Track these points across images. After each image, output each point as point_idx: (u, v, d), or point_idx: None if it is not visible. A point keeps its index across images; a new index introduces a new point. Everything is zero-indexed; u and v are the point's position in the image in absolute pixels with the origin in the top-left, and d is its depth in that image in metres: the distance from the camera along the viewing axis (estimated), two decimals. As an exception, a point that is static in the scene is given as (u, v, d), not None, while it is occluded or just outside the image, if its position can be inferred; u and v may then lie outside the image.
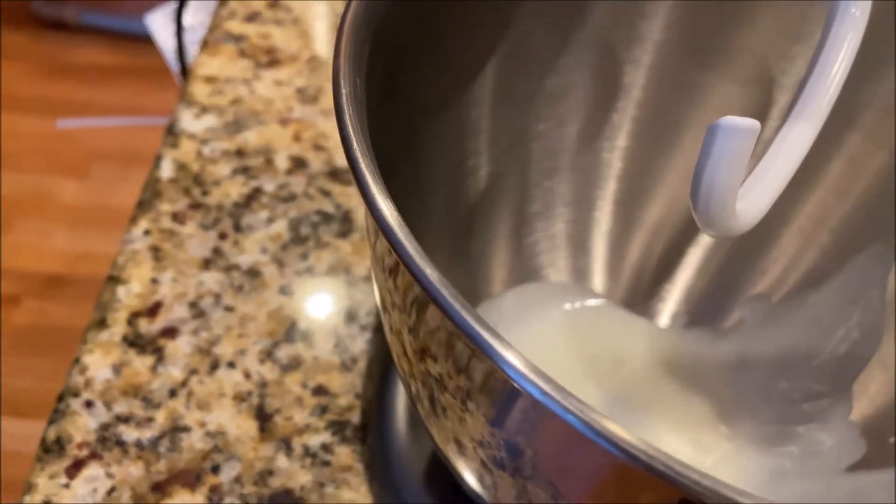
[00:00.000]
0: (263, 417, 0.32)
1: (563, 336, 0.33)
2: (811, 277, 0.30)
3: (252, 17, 0.49)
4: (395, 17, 0.21)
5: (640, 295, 0.32)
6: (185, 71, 0.60)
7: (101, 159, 1.33)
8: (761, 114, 0.29)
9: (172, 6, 0.58)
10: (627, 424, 0.31)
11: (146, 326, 0.34)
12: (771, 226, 0.31)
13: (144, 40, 1.32)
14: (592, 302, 0.33)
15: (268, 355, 0.34)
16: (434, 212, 0.28)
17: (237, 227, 0.38)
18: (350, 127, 0.16)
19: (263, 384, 0.33)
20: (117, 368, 0.33)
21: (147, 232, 0.37)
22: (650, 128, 0.30)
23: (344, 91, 0.16)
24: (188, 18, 0.62)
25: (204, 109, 0.43)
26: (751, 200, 0.18)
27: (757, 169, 0.19)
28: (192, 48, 0.59)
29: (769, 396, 0.30)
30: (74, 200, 1.26)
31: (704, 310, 0.32)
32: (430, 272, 0.15)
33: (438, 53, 0.24)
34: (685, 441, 0.31)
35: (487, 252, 0.31)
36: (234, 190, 0.40)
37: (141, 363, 0.33)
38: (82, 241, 1.22)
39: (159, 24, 0.62)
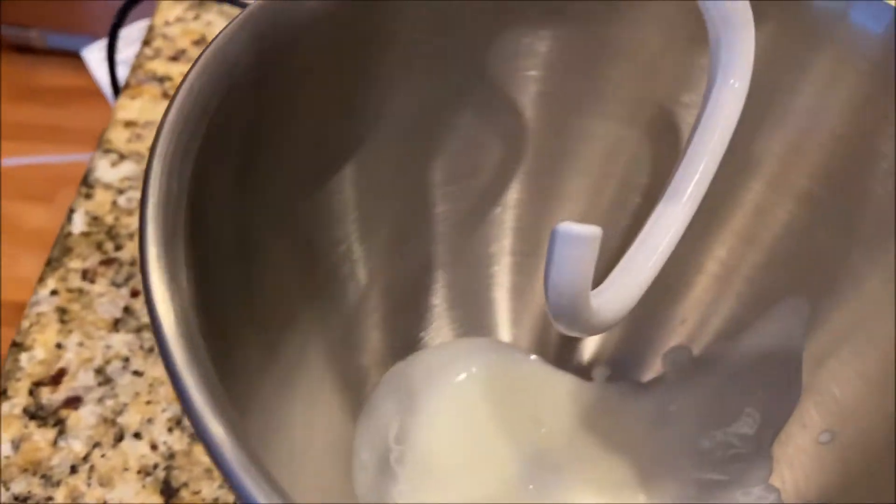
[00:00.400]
0: (170, 492, 0.31)
1: (481, 394, 0.31)
2: (730, 328, 0.29)
3: (176, 56, 0.47)
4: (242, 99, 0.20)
5: (553, 347, 0.31)
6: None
7: (67, 185, 1.31)
8: (666, 162, 0.28)
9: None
10: (547, 488, 0.30)
11: (48, 396, 0.33)
12: (687, 273, 0.30)
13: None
14: (512, 356, 0.32)
15: (177, 423, 0.32)
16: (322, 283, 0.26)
17: (151, 284, 0.37)
18: (154, 272, 0.14)
19: (171, 455, 0.32)
20: (17, 444, 0.31)
21: (54, 292, 0.36)
22: (544, 178, 0.29)
23: (151, 200, 0.15)
24: (124, 52, 0.60)
25: (122, 157, 0.42)
26: (613, 296, 0.17)
27: (622, 261, 0.18)
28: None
29: (690, 454, 0.29)
30: (40, 226, 1.24)
31: (625, 362, 0.31)
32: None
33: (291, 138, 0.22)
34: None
35: (394, 318, 0.30)
36: (150, 243, 0.38)
37: (42, 437, 0.32)
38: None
39: (96, 58, 0.60)
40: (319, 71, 0.23)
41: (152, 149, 0.16)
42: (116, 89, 0.58)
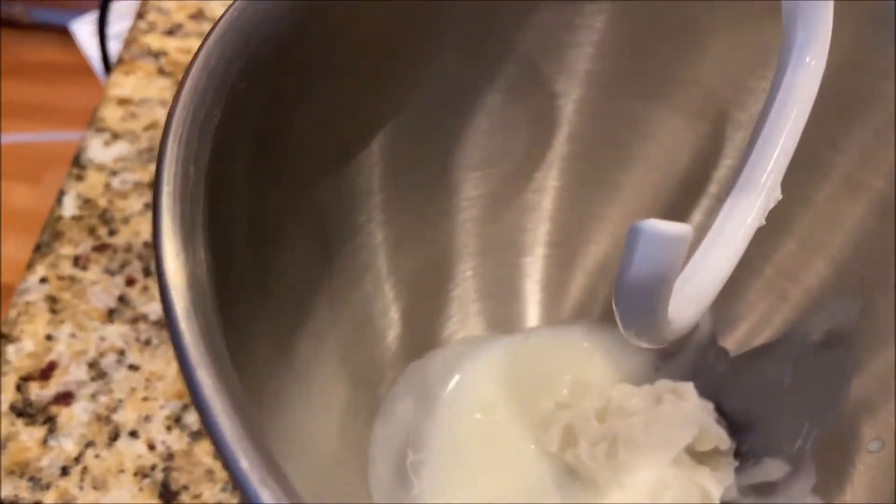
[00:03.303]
0: (168, 496, 0.29)
1: (501, 391, 0.29)
2: (779, 332, 0.27)
3: (173, 31, 0.45)
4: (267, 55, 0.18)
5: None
6: (113, 83, 0.56)
7: (55, 165, 1.28)
8: (714, 151, 0.26)
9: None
10: (573, 491, 0.28)
11: (37, 392, 0.31)
12: (741, 277, 0.28)
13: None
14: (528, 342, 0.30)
15: (176, 421, 0.30)
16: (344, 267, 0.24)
17: (147, 271, 0.35)
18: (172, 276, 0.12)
19: (169, 456, 0.30)
20: (2, 443, 0.29)
21: (44, 280, 0.34)
22: (585, 164, 0.27)
23: (166, 189, 0.13)
24: (116, 26, 0.57)
25: (115, 136, 0.39)
26: (686, 300, 0.15)
27: (693, 261, 0.16)
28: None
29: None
30: (25, 207, 1.21)
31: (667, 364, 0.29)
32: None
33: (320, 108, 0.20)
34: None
35: (412, 311, 0.28)
36: (146, 227, 0.36)
37: (29, 436, 0.30)
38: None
39: (86, 32, 0.58)
40: (344, 45, 0.21)
41: (165, 129, 0.14)
42: (107, 65, 0.56)
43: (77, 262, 0.34)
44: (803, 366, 0.25)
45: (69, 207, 0.36)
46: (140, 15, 0.45)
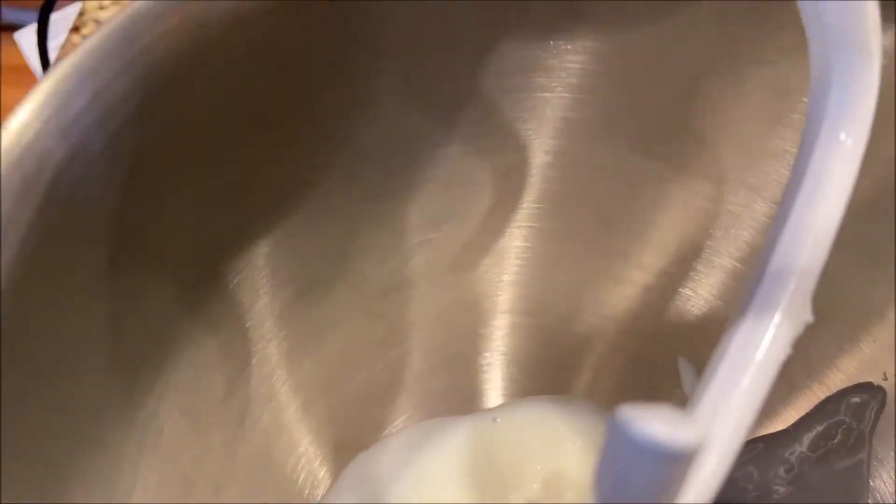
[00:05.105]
0: None
1: (460, 481, 0.25)
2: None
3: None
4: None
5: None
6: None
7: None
8: (721, 216, 0.22)
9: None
10: None
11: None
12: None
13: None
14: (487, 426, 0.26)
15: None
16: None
17: None
18: None
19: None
20: None
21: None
22: (560, 224, 0.23)
23: None
24: (61, 37, 0.53)
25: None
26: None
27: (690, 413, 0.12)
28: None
29: None
30: None
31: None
32: None
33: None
34: None
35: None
36: None
37: None
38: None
39: (30, 42, 0.53)
40: (240, 87, 0.16)
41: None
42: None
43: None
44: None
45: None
46: (76, 28, 0.41)
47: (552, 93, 0.20)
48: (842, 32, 0.13)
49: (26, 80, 0.50)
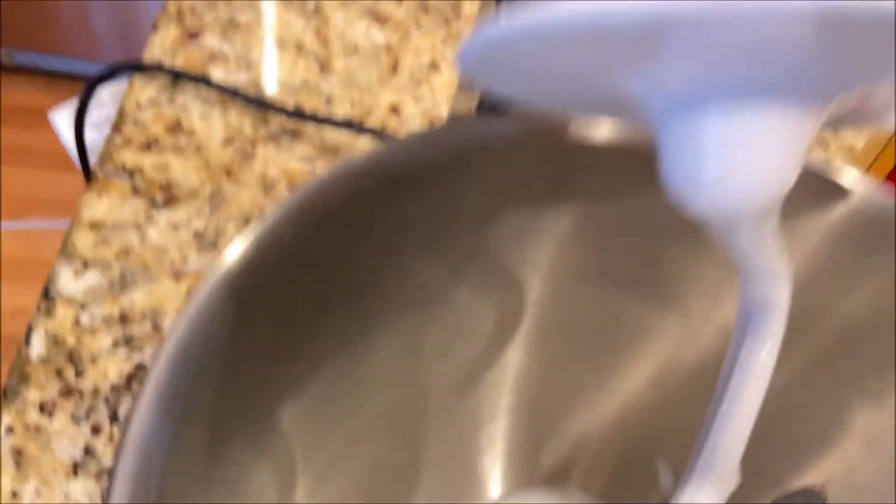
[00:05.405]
0: None
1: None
2: None
3: (150, 145, 0.45)
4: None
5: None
6: (90, 176, 0.56)
7: (37, 208, 1.27)
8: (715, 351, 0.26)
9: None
10: None
11: (-2, 559, 0.30)
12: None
13: (81, 80, 1.26)
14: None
15: (138, 589, 0.30)
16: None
17: (114, 417, 0.34)
18: None
19: None
20: None
21: (10, 430, 0.33)
22: (555, 347, 0.27)
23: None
24: (94, 113, 0.57)
25: (86, 264, 0.39)
26: None
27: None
28: (99, 145, 0.54)
29: None
30: (7, 251, 1.20)
31: None
32: None
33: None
34: None
35: None
36: (114, 367, 0.36)
37: None
38: (16, 296, 1.17)
39: (64, 122, 0.57)
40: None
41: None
42: (84, 158, 0.55)
43: (43, 408, 0.34)
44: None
45: (37, 347, 0.36)
46: (116, 128, 0.45)
47: (545, 245, 0.25)
48: (764, 267, 0.17)
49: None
